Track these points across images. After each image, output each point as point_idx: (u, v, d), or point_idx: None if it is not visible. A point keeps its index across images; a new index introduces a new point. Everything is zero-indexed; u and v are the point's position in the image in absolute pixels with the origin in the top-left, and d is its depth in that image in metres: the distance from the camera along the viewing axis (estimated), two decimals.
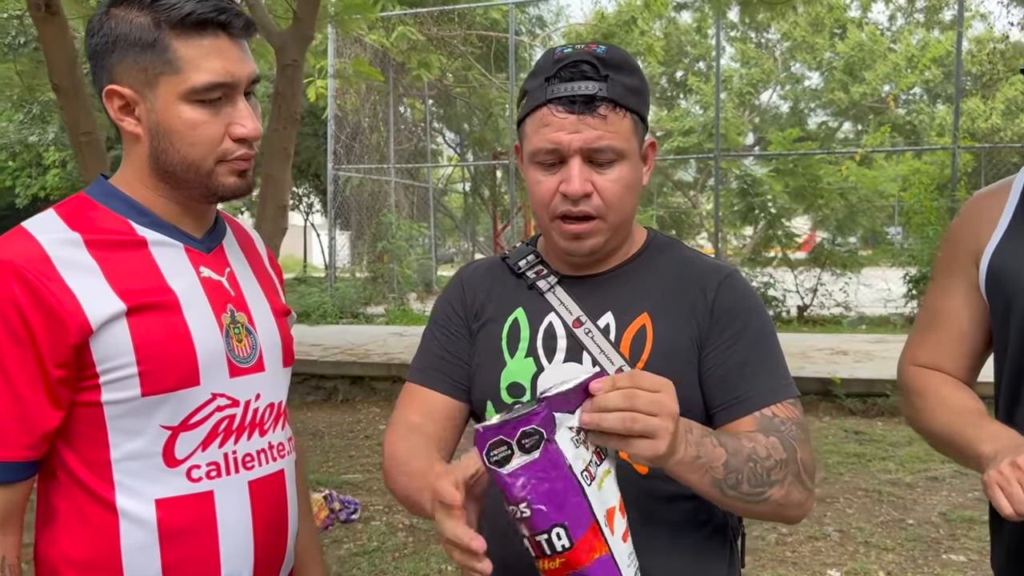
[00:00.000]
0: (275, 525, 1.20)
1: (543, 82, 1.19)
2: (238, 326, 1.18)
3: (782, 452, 1.13)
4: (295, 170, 16.22)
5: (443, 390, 1.32)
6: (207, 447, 1.13)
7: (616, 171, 1.19)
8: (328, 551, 4.04)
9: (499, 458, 0.93)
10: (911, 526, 4.22)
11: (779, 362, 1.25)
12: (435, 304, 1.42)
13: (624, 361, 1.21)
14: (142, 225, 1.14)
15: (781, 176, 11.77)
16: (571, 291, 1.28)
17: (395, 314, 11.68)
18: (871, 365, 7.09)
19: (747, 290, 1.29)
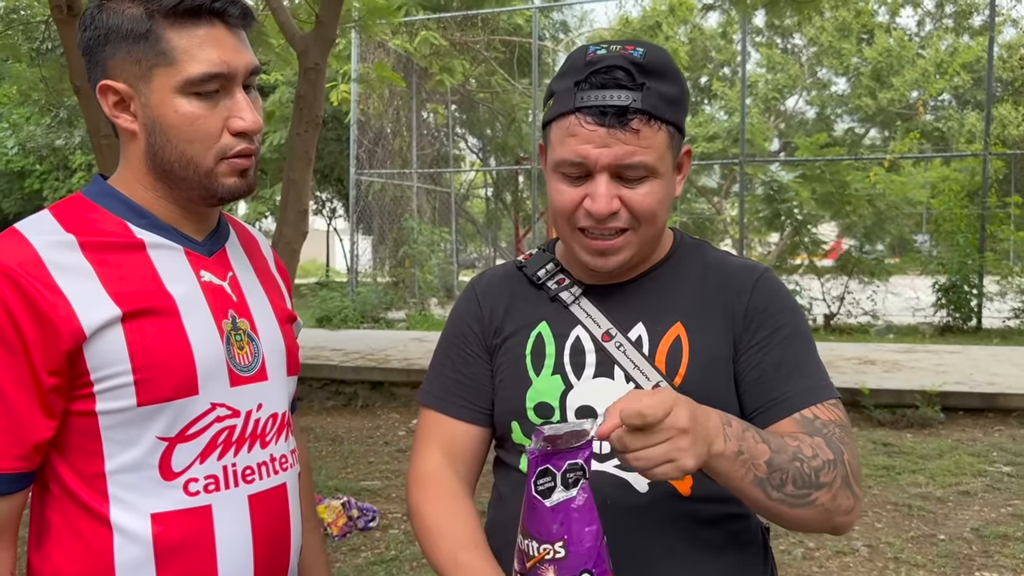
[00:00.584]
0: (276, 541, 1.15)
1: (572, 86, 1.10)
2: (239, 333, 1.13)
3: (829, 452, 1.06)
4: (318, 175, 16.33)
5: (464, 417, 1.25)
6: (205, 459, 1.07)
7: (646, 187, 1.11)
8: (345, 559, 3.99)
9: (543, 488, 0.90)
10: (942, 542, 4.10)
11: (816, 363, 1.18)
12: (448, 320, 1.33)
13: (660, 376, 1.14)
14: (140, 227, 1.09)
15: (808, 182, 11.63)
16: (597, 302, 1.20)
17: (416, 319, 11.66)
18: (900, 375, 6.95)
19: (781, 289, 1.22)
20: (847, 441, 1.11)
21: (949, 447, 5.67)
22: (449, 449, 1.25)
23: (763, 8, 7.96)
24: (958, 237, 10.41)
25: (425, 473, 1.24)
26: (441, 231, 14.03)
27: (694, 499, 1.13)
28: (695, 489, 1.12)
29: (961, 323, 10.43)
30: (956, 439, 5.90)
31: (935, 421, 6.17)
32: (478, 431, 1.26)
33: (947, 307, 10.46)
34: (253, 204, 14.56)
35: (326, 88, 5.00)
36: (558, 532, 0.91)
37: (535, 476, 0.91)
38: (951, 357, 7.97)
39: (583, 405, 1.16)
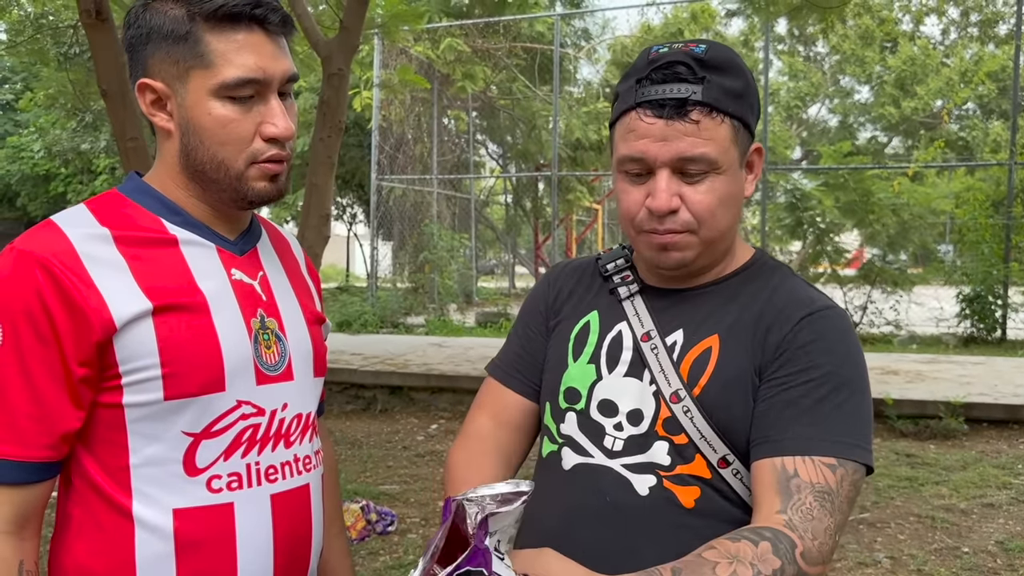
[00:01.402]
0: (298, 542, 1.15)
1: (634, 84, 1.09)
2: (267, 332, 1.13)
3: (774, 561, 0.97)
4: (340, 180, 16.42)
5: (517, 389, 1.29)
6: (229, 457, 1.08)
7: (708, 183, 1.08)
8: (364, 563, 4.00)
9: None
10: (966, 554, 4.05)
11: (845, 417, 1.06)
12: (525, 301, 1.39)
13: (681, 384, 1.12)
14: (174, 224, 1.11)
15: (831, 190, 11.56)
16: (650, 303, 1.20)
17: (435, 324, 11.69)
18: (923, 386, 6.88)
19: (834, 331, 1.11)
20: (817, 515, 1.01)
21: (973, 459, 5.60)
22: (499, 417, 1.29)
23: (785, 15, 7.93)
24: (983, 247, 10.30)
25: (468, 432, 1.29)
26: (461, 237, 14.07)
27: (696, 513, 1.10)
28: (699, 503, 1.10)
29: (985, 334, 10.31)
30: (980, 451, 5.83)
31: (959, 432, 6.10)
32: (529, 404, 1.29)
33: (971, 318, 10.35)
34: (276, 209, 14.68)
35: (349, 94, 5.03)
36: None
37: None
38: (975, 368, 7.88)
39: (606, 399, 1.16)
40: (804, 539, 1.00)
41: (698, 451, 1.10)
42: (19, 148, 17.51)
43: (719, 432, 1.10)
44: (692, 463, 1.11)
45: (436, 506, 4.78)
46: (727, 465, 1.11)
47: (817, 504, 1.02)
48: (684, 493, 1.10)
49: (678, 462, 1.11)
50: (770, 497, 1.03)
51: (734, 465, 1.11)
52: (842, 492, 1.04)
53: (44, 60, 8.48)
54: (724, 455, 1.11)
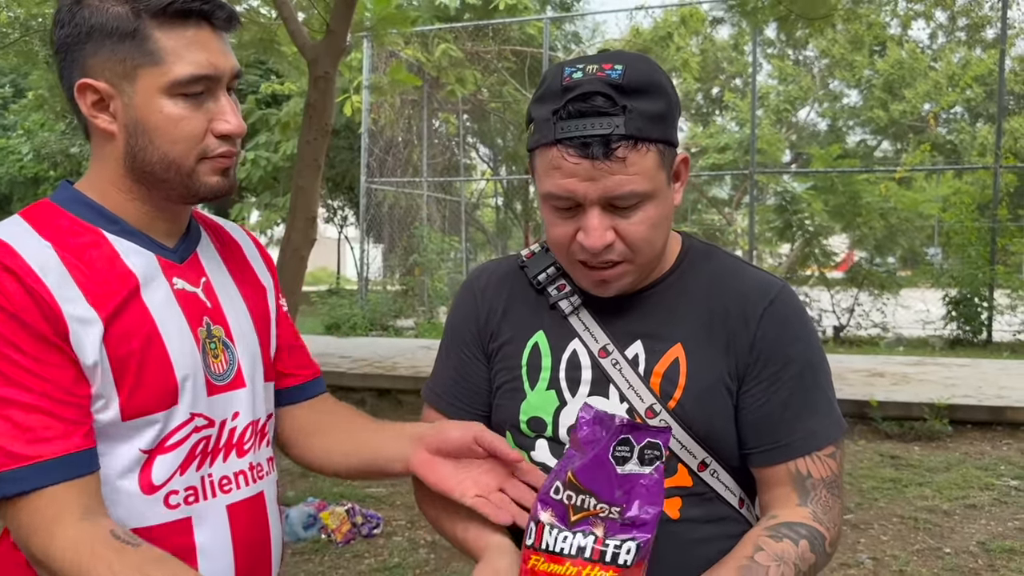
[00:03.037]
0: (257, 549, 1.14)
1: (551, 116, 1.04)
2: (214, 341, 1.11)
3: (811, 557, 1.09)
4: (330, 183, 16.39)
5: (464, 419, 1.24)
6: (185, 471, 1.06)
7: (640, 213, 1.07)
8: (349, 566, 4.00)
9: (619, 455, 0.94)
10: (948, 555, 4.08)
11: (823, 398, 1.15)
12: (448, 316, 1.32)
13: (655, 398, 1.11)
14: (112, 234, 1.08)
15: (821, 193, 11.62)
16: (597, 315, 1.17)
17: (425, 327, 11.68)
18: (908, 388, 6.92)
19: (794, 315, 1.15)
20: (832, 504, 1.13)
21: (957, 460, 5.64)
22: None
23: (774, 22, 7.97)
24: (969, 250, 10.37)
25: None
26: (451, 240, 14.07)
27: (681, 521, 1.12)
28: (684, 511, 1.12)
29: (971, 336, 10.38)
30: (964, 452, 5.87)
31: (943, 434, 6.14)
32: None
33: (957, 320, 10.41)
34: (266, 212, 14.63)
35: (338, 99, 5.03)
36: (620, 498, 0.93)
37: (615, 442, 0.94)
38: (960, 370, 7.93)
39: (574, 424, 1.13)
40: (830, 530, 1.12)
41: (679, 461, 1.12)
42: (7, 151, 17.43)
43: (698, 440, 1.12)
44: (675, 475, 1.12)
45: None
46: (705, 468, 1.13)
47: (830, 495, 1.13)
48: (669, 506, 1.11)
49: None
50: (787, 493, 1.13)
51: (712, 466, 1.14)
52: (841, 472, 1.15)
53: (33, 62, 8.46)
54: (703, 459, 1.13)
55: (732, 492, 1.16)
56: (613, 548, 0.92)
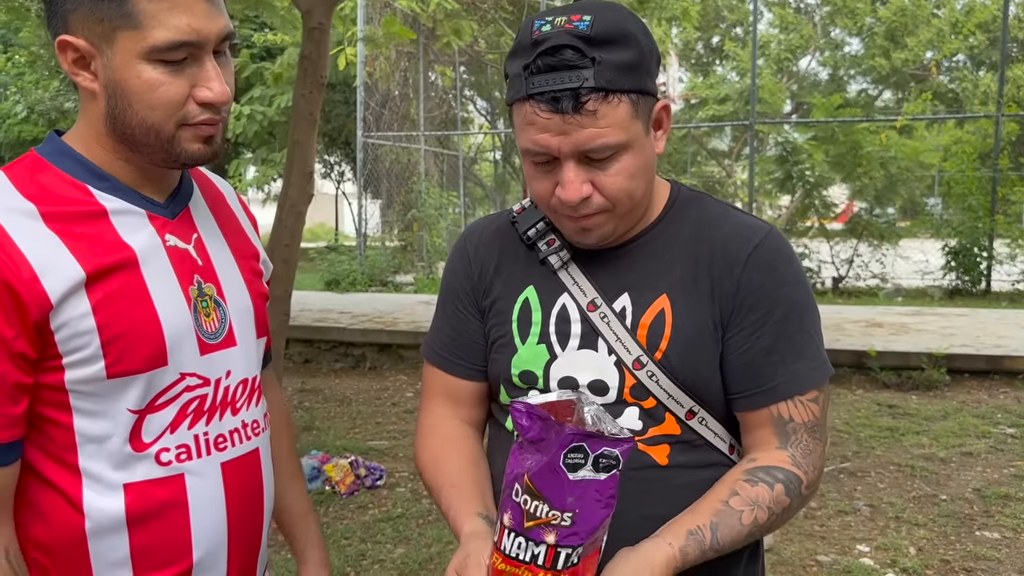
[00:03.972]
0: (250, 506, 1.15)
1: (522, 71, 1.04)
2: (206, 299, 1.10)
3: (785, 500, 1.11)
4: (326, 138, 16.24)
5: (462, 375, 1.27)
6: (176, 429, 1.06)
7: (617, 164, 1.06)
8: (353, 516, 4.06)
9: (571, 463, 0.93)
10: (944, 502, 4.14)
11: (809, 341, 1.14)
12: (444, 273, 1.33)
13: (641, 351, 1.12)
14: (101, 190, 1.04)
15: (822, 143, 11.53)
16: (585, 268, 1.17)
17: (424, 283, 11.69)
18: (907, 338, 6.95)
19: (780, 259, 1.14)
20: (812, 448, 1.14)
21: (954, 409, 5.69)
22: (452, 399, 1.28)
23: None
24: (969, 200, 10.34)
25: (428, 424, 1.29)
26: (449, 195, 14.01)
27: (669, 467, 1.13)
28: (672, 458, 1.13)
29: (970, 286, 10.40)
30: (961, 401, 5.92)
31: (940, 383, 6.19)
32: (479, 385, 1.27)
33: (956, 270, 10.43)
34: (262, 168, 14.52)
35: (332, 51, 4.95)
36: (572, 504, 0.93)
37: (567, 449, 0.93)
38: (959, 320, 7.96)
39: (566, 376, 1.16)
40: (808, 473, 1.13)
41: (667, 410, 1.13)
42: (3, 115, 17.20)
43: (685, 389, 1.13)
44: (663, 423, 1.13)
45: None
46: (693, 416, 1.14)
47: (811, 438, 1.14)
48: (657, 452, 1.13)
49: (650, 424, 1.13)
50: (768, 437, 1.14)
51: (700, 414, 1.15)
52: (825, 416, 1.16)
53: (24, 19, 8.31)
54: (690, 407, 1.14)
55: (722, 439, 1.17)
56: (565, 555, 0.93)
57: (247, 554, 1.16)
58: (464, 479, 1.18)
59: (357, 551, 3.66)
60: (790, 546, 3.64)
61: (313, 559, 1.36)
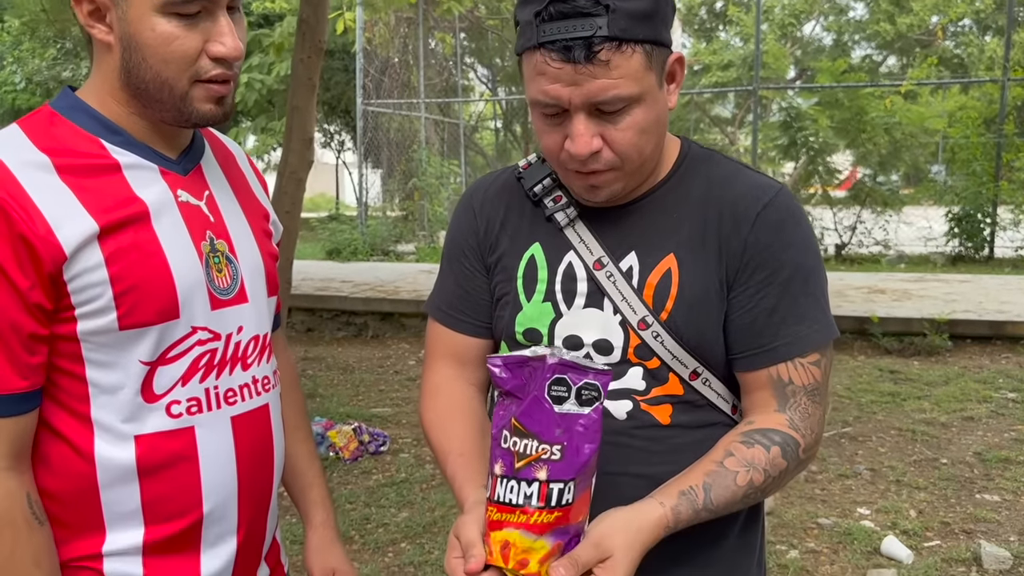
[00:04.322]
0: (260, 460, 1.16)
1: (533, 18, 1.00)
2: (218, 255, 1.11)
3: (782, 463, 1.08)
4: (326, 107, 16.13)
5: (468, 332, 1.25)
6: (187, 382, 1.07)
7: (629, 118, 1.03)
8: (357, 481, 4.09)
9: (556, 395, 0.93)
10: (944, 465, 4.16)
11: (814, 304, 1.12)
12: (448, 229, 1.31)
13: (647, 311, 1.11)
14: (114, 144, 1.05)
15: (826, 108, 11.43)
16: (592, 226, 1.15)
17: (425, 252, 11.68)
18: (909, 304, 6.95)
19: (789, 219, 1.12)
20: (811, 411, 1.11)
21: (955, 374, 5.70)
22: (457, 359, 1.27)
23: None
24: (974, 165, 10.28)
25: (433, 385, 1.27)
26: (450, 164, 13.94)
27: (671, 427, 1.12)
28: (674, 417, 1.13)
29: (973, 252, 10.38)
30: (963, 366, 5.93)
31: (942, 349, 6.19)
32: (484, 342, 1.26)
33: (959, 236, 10.40)
34: (262, 136, 14.43)
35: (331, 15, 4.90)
36: (560, 436, 0.93)
37: (550, 381, 0.93)
38: (961, 286, 7.95)
39: (571, 335, 1.14)
40: (806, 437, 1.11)
41: (671, 371, 1.12)
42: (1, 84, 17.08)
43: (689, 350, 1.12)
44: (666, 384, 1.12)
45: None
46: (697, 377, 1.13)
47: (811, 402, 1.11)
48: (660, 412, 1.12)
49: (653, 385, 1.12)
50: (767, 399, 1.12)
51: (704, 375, 1.14)
52: (826, 380, 1.14)
53: None
54: (694, 368, 1.13)
55: (725, 400, 1.16)
56: (557, 491, 0.93)
57: (257, 509, 1.17)
58: (471, 448, 1.17)
59: (361, 515, 3.69)
60: (791, 509, 3.67)
61: (319, 519, 1.37)
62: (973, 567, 3.14)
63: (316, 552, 1.36)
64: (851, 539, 3.37)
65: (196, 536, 1.09)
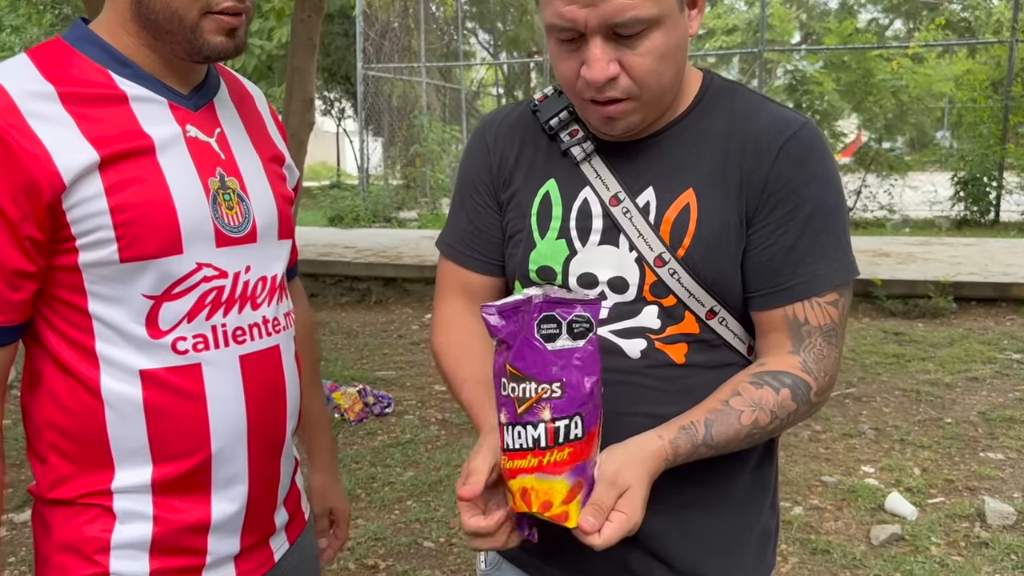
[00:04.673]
0: (271, 402, 1.14)
1: None
2: (228, 192, 1.09)
3: (791, 405, 1.06)
4: (325, 73, 16.00)
5: (479, 269, 1.23)
6: (193, 319, 1.06)
7: (647, 42, 0.99)
8: (363, 443, 4.11)
9: (546, 333, 0.92)
10: (949, 425, 4.16)
11: (835, 242, 1.09)
12: (461, 162, 1.27)
13: (664, 247, 1.08)
14: (123, 77, 1.04)
15: (832, 71, 11.31)
16: (609, 160, 1.12)
17: (427, 218, 11.64)
18: (914, 267, 6.92)
19: (814, 153, 1.08)
20: (826, 353, 1.09)
21: (960, 336, 5.69)
22: (468, 295, 1.25)
23: None
24: (981, 128, 10.19)
25: (444, 317, 1.25)
26: (452, 130, 13.84)
27: (686, 366, 1.11)
28: (689, 356, 1.11)
29: (979, 216, 10.33)
30: (967, 328, 5.92)
31: (947, 311, 6.18)
32: (494, 280, 1.24)
33: (965, 200, 10.34)
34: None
35: None
36: (557, 374, 0.92)
37: (538, 320, 0.92)
38: (966, 249, 7.92)
39: (585, 272, 1.12)
40: (818, 379, 1.08)
41: (687, 309, 1.10)
42: None
43: (706, 288, 1.09)
44: (682, 322, 1.10)
45: (432, 390, 4.87)
46: (714, 316, 1.11)
47: (826, 343, 1.08)
48: (675, 351, 1.10)
49: (668, 323, 1.10)
50: (781, 339, 1.09)
51: (720, 314, 1.12)
52: (843, 321, 1.11)
53: None
54: (711, 307, 1.10)
55: (741, 340, 1.14)
56: (563, 427, 0.92)
57: (268, 452, 1.15)
58: (486, 374, 1.15)
59: (367, 474, 3.71)
60: (795, 467, 3.68)
61: (323, 463, 1.40)
62: (977, 523, 3.15)
63: (319, 494, 1.41)
64: (855, 496, 3.38)
65: (206, 477, 1.08)
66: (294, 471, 1.26)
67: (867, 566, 2.88)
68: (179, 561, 1.08)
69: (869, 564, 2.89)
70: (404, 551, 3.06)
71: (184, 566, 1.09)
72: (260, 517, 1.16)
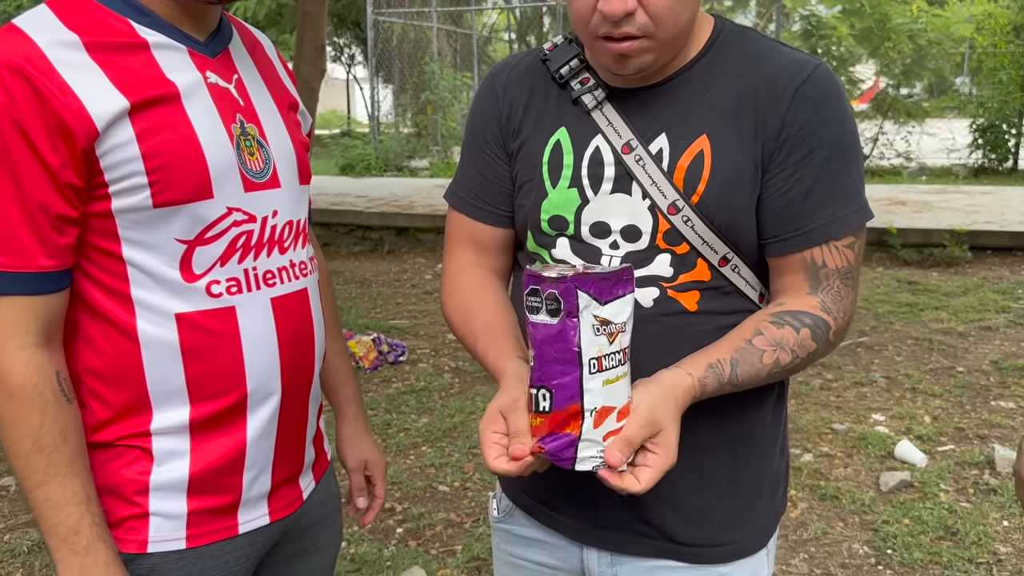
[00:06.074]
0: (301, 342, 1.17)
1: None
2: (249, 138, 1.10)
3: (811, 345, 1.08)
4: (335, 19, 15.77)
5: (488, 220, 1.23)
6: (225, 263, 1.08)
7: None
8: (378, 389, 4.16)
9: (530, 305, 0.95)
10: (960, 373, 4.18)
11: (851, 184, 1.09)
12: (470, 112, 1.27)
13: (678, 195, 1.08)
14: (143, 25, 1.05)
15: (848, 16, 11.08)
16: (621, 108, 1.11)
17: (439, 167, 11.58)
18: (929, 215, 6.87)
19: (829, 95, 1.07)
20: (844, 294, 1.10)
21: (974, 285, 5.67)
22: (477, 246, 1.25)
23: None
24: (1000, 75, 10.00)
25: (453, 271, 1.26)
26: (463, 76, 13.68)
27: (698, 313, 1.11)
28: (701, 304, 1.11)
29: (997, 164, 10.20)
30: (982, 277, 5.89)
31: (962, 260, 6.15)
32: (504, 231, 1.24)
33: (983, 148, 10.20)
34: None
35: None
36: (531, 344, 0.97)
37: (526, 291, 0.96)
38: (983, 198, 7.84)
39: (598, 221, 1.12)
40: (837, 320, 1.10)
41: (700, 256, 1.10)
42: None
43: (720, 235, 1.09)
44: (694, 270, 1.10)
45: (445, 339, 4.91)
46: (727, 263, 1.11)
47: (843, 285, 1.10)
48: (687, 298, 1.11)
49: (680, 271, 1.10)
50: (799, 281, 1.10)
51: (733, 262, 1.12)
52: (859, 263, 1.12)
53: None
54: (724, 254, 1.11)
55: (753, 287, 1.15)
56: (534, 394, 0.96)
57: (299, 391, 1.19)
58: (499, 323, 1.17)
59: (382, 420, 3.76)
60: (805, 415, 3.71)
61: (352, 413, 1.42)
62: (986, 470, 3.19)
63: (350, 444, 1.41)
64: (865, 443, 3.41)
65: (241, 416, 1.12)
66: (319, 412, 1.29)
67: (875, 512, 2.92)
68: (215, 500, 1.12)
69: (878, 510, 2.93)
70: (420, 495, 3.13)
71: (220, 505, 1.12)
72: (290, 455, 1.20)
